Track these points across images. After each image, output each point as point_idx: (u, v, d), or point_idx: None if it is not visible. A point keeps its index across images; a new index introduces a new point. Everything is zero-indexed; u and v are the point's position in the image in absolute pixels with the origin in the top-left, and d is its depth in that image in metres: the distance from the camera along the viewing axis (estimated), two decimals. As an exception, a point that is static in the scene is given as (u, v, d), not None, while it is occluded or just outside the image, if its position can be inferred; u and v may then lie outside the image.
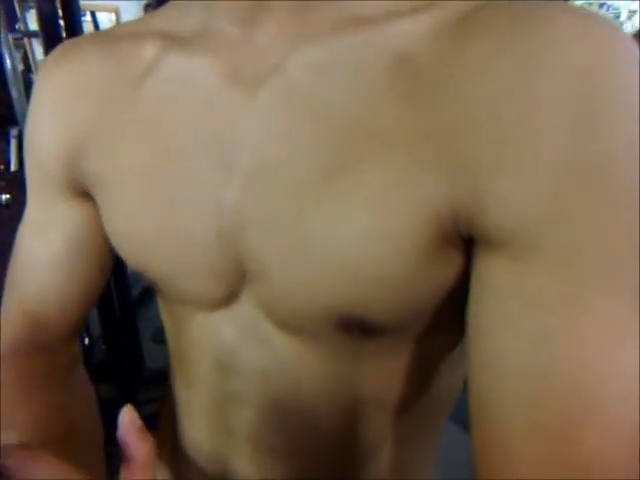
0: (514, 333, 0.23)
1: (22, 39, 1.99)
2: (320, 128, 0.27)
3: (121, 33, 0.35)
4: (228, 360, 0.34)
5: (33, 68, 2.08)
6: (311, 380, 0.33)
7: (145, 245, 0.33)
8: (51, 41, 1.29)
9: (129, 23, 0.38)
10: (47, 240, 0.38)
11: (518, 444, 0.23)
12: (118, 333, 1.46)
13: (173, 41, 0.32)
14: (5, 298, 0.41)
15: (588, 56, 0.22)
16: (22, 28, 1.90)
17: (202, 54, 0.30)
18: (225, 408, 0.36)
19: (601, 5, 4.12)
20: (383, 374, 0.32)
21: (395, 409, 0.34)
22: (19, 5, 1.99)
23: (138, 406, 0.42)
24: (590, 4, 4.11)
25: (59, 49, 0.37)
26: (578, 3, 4.05)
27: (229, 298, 0.33)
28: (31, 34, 1.63)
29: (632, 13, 4.05)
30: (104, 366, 1.52)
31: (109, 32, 0.37)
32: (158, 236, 0.32)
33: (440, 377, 0.32)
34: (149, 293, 2.31)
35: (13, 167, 1.29)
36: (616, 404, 0.22)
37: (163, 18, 0.34)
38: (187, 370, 0.38)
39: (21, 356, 0.38)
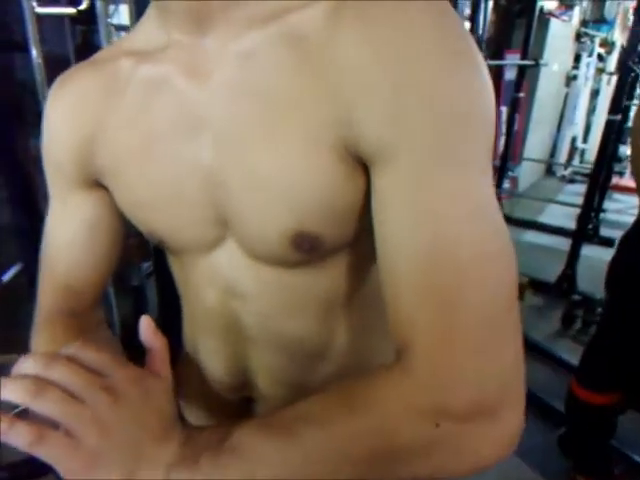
0: (398, 222, 0.33)
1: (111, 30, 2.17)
2: (252, 100, 0.37)
3: (103, 57, 0.47)
4: (228, 286, 0.45)
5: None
6: (282, 292, 0.44)
7: (149, 210, 0.44)
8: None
9: (109, 48, 0.51)
10: (68, 225, 0.50)
11: (404, 296, 0.33)
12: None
13: (142, 56, 0.43)
14: (40, 276, 0.52)
15: (410, 20, 0.32)
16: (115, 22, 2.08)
17: (166, 61, 0.41)
18: (231, 323, 0.48)
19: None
20: (331, 280, 0.44)
21: (344, 306, 0.46)
22: None
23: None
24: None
25: (60, 78, 0.48)
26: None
27: (217, 240, 0.43)
28: (122, 28, 1.78)
29: None
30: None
31: (94, 58, 0.48)
32: (157, 201, 0.43)
33: (376, 277, 0.41)
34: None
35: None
36: (479, 263, 0.31)
37: (132, 40, 0.45)
38: (198, 303, 0.49)
39: (59, 319, 0.49)
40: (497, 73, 3.33)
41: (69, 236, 0.49)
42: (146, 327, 0.36)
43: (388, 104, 0.32)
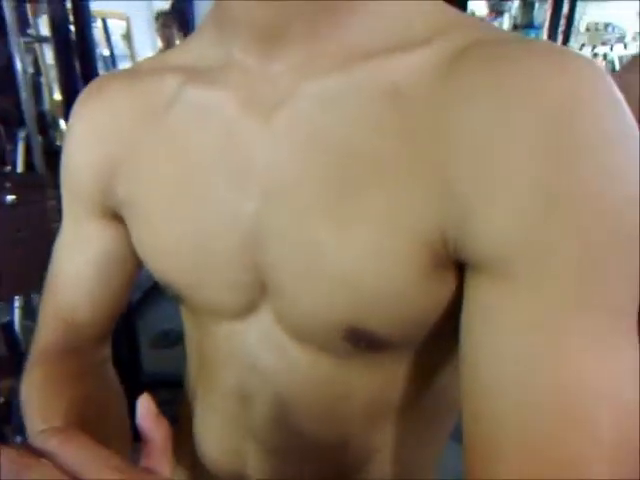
0: (498, 351, 0.25)
1: (33, 43, 2.02)
2: (324, 157, 0.29)
3: (144, 69, 0.39)
4: (249, 365, 0.37)
5: (42, 71, 2.10)
6: (320, 385, 0.35)
7: (170, 258, 0.36)
8: (62, 46, 1.31)
9: (150, 59, 0.43)
10: (79, 255, 0.44)
11: (506, 453, 0.25)
12: (117, 339, 1.46)
13: (193, 74, 0.35)
14: (42, 305, 0.46)
15: (561, 94, 0.24)
16: (34, 33, 1.93)
17: (221, 86, 0.33)
18: (244, 410, 0.39)
19: (606, 25, 4.17)
20: (386, 381, 0.35)
21: (396, 413, 0.37)
22: (31, 10, 2.02)
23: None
24: (596, 24, 4.16)
25: (91, 86, 0.41)
26: (586, 23, 4.09)
27: (249, 308, 0.35)
28: (42, 39, 1.65)
29: (637, 34, 4.10)
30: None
31: (133, 69, 0.41)
32: (182, 249, 0.35)
33: (439, 386, 0.35)
34: (147, 300, 2.32)
35: (20, 168, 1.30)
36: (595, 413, 0.24)
37: (182, 54, 0.38)
38: (209, 374, 0.41)
39: (57, 356, 0.43)
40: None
41: (79, 267, 0.44)
42: (145, 411, 0.27)
43: (523, 206, 0.24)
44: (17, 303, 1.40)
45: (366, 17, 0.30)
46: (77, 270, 0.44)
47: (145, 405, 0.27)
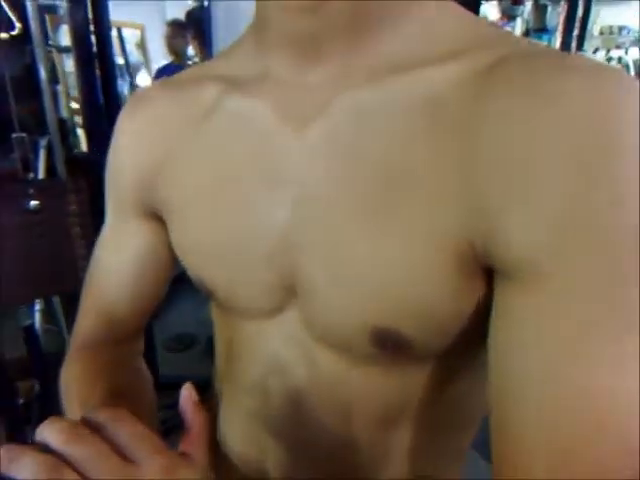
0: (527, 359, 0.26)
1: (52, 52, 2.06)
2: (358, 169, 0.30)
3: (186, 78, 0.41)
4: (272, 363, 0.38)
5: (60, 80, 2.14)
6: (338, 385, 0.36)
7: (205, 257, 0.38)
8: (83, 56, 1.34)
9: (193, 69, 0.45)
10: (120, 251, 0.47)
11: (535, 458, 0.25)
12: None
13: (232, 84, 0.37)
14: (82, 298, 0.49)
15: (587, 110, 0.24)
16: (54, 43, 1.97)
17: (258, 96, 0.35)
18: (264, 406, 0.40)
19: (621, 29, 4.13)
20: (404, 386, 0.36)
21: (412, 418, 0.37)
22: (50, 21, 2.06)
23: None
24: (610, 27, 4.12)
25: (134, 96, 0.45)
26: (599, 27, 4.06)
27: (275, 310, 0.37)
28: (64, 49, 1.69)
29: (653, 37, 4.05)
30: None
31: (175, 78, 0.43)
32: (216, 250, 0.37)
33: (457, 394, 0.35)
34: (162, 303, 2.34)
35: (41, 175, 1.33)
36: (626, 423, 0.24)
37: (222, 64, 0.40)
38: (235, 370, 0.43)
39: (96, 348, 0.47)
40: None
41: (118, 262, 0.47)
42: (187, 398, 0.30)
43: (555, 216, 0.24)
44: (38, 306, 1.43)
45: (400, 30, 0.31)
46: (118, 266, 0.47)
47: (187, 394, 0.30)
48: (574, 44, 2.63)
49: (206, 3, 1.84)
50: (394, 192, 0.29)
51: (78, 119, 1.97)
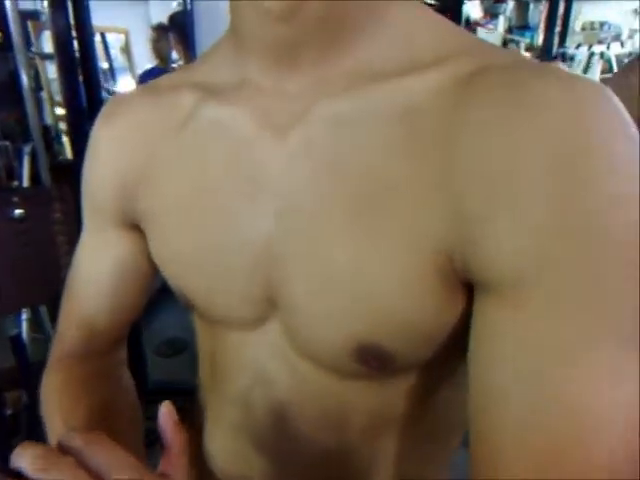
0: (507, 371, 0.25)
1: (35, 59, 2.04)
2: (337, 178, 0.30)
3: (164, 85, 0.40)
4: (255, 375, 0.38)
5: (43, 87, 2.13)
6: (322, 398, 0.36)
7: (185, 267, 0.37)
8: (66, 62, 1.33)
9: (171, 75, 0.44)
10: (99, 262, 0.45)
11: (511, 470, 0.25)
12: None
13: (210, 91, 0.36)
14: (62, 309, 0.48)
15: (568, 119, 0.24)
16: (36, 49, 1.96)
17: (237, 103, 0.34)
18: (248, 418, 0.40)
19: (602, 24, 4.18)
20: (388, 397, 0.36)
21: (398, 428, 0.37)
22: (33, 27, 2.05)
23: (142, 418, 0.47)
24: (592, 23, 4.17)
25: (111, 101, 0.43)
26: (581, 23, 4.10)
27: (257, 321, 0.36)
28: (46, 56, 1.68)
29: (633, 32, 4.11)
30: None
31: (154, 84, 0.42)
32: (196, 260, 0.36)
33: (441, 403, 0.35)
34: (153, 308, 2.33)
35: (25, 183, 1.32)
36: (601, 437, 0.23)
37: (199, 71, 0.39)
38: (219, 382, 0.42)
39: (77, 359, 0.45)
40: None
41: (99, 273, 0.46)
42: (166, 417, 0.29)
43: (534, 227, 0.24)
44: (25, 315, 1.41)
45: (378, 37, 0.31)
46: (97, 276, 0.46)
47: (166, 411, 0.29)
48: (556, 40, 2.66)
49: (189, 7, 1.84)
50: (375, 205, 0.29)
51: (63, 126, 1.96)
